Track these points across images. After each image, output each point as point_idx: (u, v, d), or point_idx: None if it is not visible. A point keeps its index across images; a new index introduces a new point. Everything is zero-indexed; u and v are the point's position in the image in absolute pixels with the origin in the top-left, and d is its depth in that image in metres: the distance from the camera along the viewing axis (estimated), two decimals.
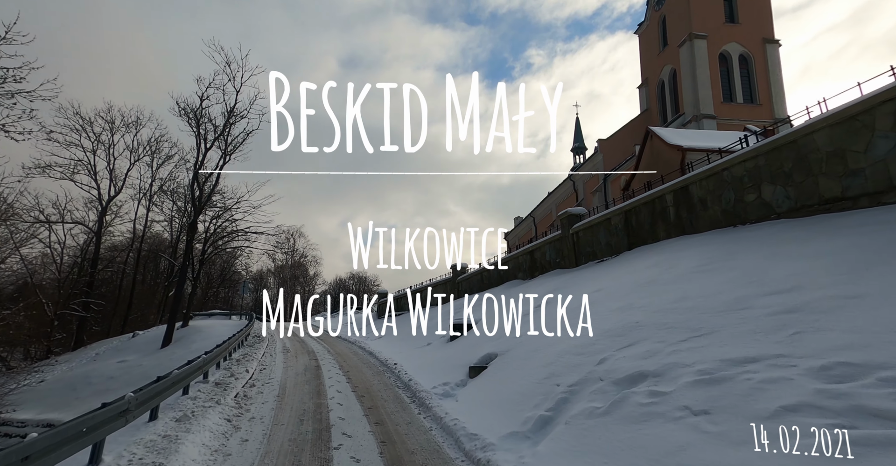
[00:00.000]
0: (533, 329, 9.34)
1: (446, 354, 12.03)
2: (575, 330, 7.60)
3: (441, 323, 16.73)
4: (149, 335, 34.10)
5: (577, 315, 8.30)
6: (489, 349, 9.72)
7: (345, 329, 29.34)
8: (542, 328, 9.04)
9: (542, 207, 47.80)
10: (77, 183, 39.47)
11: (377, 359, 14.57)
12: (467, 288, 21.01)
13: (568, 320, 8.34)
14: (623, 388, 4.99)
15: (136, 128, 41.37)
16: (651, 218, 10.45)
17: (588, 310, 8.05)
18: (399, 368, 12.00)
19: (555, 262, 14.26)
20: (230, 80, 30.30)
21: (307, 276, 77.31)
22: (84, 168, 39.43)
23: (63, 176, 38.34)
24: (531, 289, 13.27)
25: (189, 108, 30.47)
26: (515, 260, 16.98)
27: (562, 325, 8.33)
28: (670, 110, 32.56)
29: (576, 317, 8.22)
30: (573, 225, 13.23)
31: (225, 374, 10.63)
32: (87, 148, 39.41)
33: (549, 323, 9.12)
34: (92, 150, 39.79)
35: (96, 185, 40.08)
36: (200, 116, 30.69)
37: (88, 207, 41.19)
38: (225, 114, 30.87)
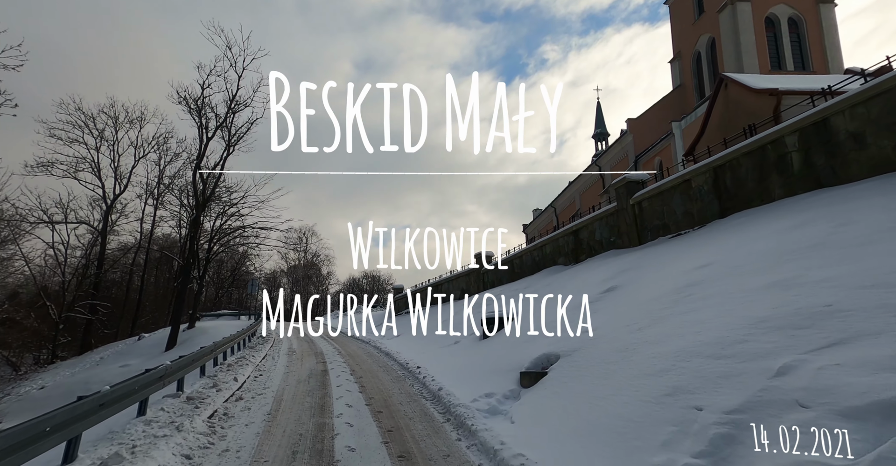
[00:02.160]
0: (602, 322, 6.95)
1: (481, 355, 9.69)
2: (685, 321, 5.19)
3: (467, 319, 14.39)
4: (154, 337, 32.48)
5: (677, 300, 5.88)
6: (543, 348, 7.35)
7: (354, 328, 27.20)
8: (617, 321, 6.64)
9: (563, 197, 45.16)
10: (81, 181, 38.11)
11: (395, 362, 12.30)
12: (495, 278, 18.60)
13: (661, 308, 5.93)
14: (879, 425, 2.58)
15: (140, 124, 39.85)
16: (758, 172, 7.77)
17: (699, 293, 5.61)
18: (423, 373, 9.70)
19: (608, 242, 11.76)
20: (232, 66, 28.36)
21: (320, 276, 75.66)
22: (88, 165, 38.06)
23: (66, 174, 36.98)
24: (581, 275, 10.85)
25: (190, 97, 28.56)
26: (554, 243, 14.46)
27: (652, 316, 5.93)
28: (708, 83, 29.70)
29: (674, 304, 5.81)
30: (633, 194, 10.70)
31: (206, 384, 8.45)
32: (90, 145, 38.02)
33: (625, 313, 6.73)
34: (95, 147, 38.40)
35: (101, 183, 38.64)
36: (202, 106, 28.80)
37: (93, 206, 39.80)
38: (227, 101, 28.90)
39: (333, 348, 17.09)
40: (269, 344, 18.22)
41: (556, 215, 47.13)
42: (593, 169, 39.43)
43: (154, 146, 39.57)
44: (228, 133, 29.81)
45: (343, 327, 28.79)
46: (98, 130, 38.11)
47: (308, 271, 73.51)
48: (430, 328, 16.99)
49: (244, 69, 28.79)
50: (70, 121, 36.24)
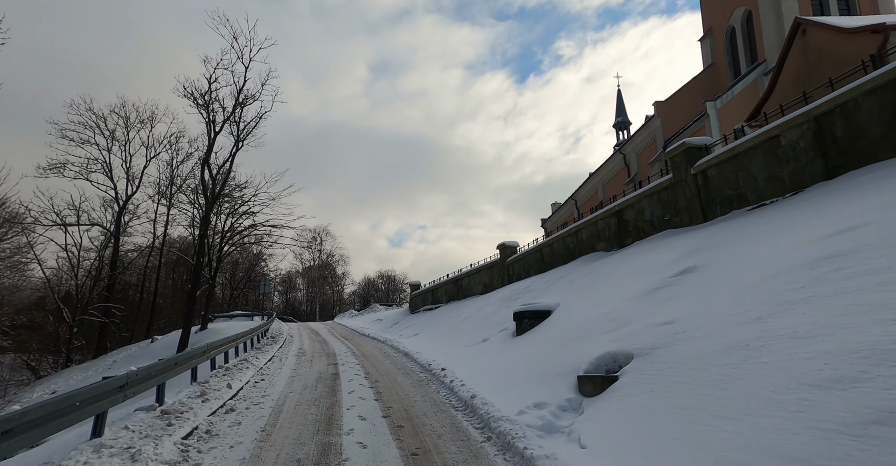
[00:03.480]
0: (686, 312, 5.36)
1: (517, 355, 8.15)
2: (847, 305, 3.57)
3: (494, 315, 12.86)
4: (167, 340, 31.71)
5: (816, 278, 4.26)
6: (603, 346, 5.78)
7: (369, 326, 25.86)
8: (714, 309, 5.04)
9: (584, 189, 43.23)
10: (93, 182, 37.70)
11: (416, 363, 10.83)
12: (521, 270, 16.95)
13: (791, 290, 4.32)
14: None
15: (151, 124, 39.28)
16: (890, 114, 6.18)
17: (855, 267, 3.96)
18: (450, 376, 8.20)
19: (661, 221, 10.03)
20: (239, 58, 27.28)
21: (335, 276, 74.88)
22: (100, 166, 37.62)
23: (78, 175, 36.55)
24: (633, 260, 9.22)
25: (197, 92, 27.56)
26: (592, 227, 12.71)
27: (777, 300, 4.32)
28: (744, 60, 27.59)
29: (814, 283, 4.19)
30: (695, 162, 8.96)
31: (193, 393, 7.08)
32: (101, 145, 37.58)
33: (723, 300, 5.12)
34: (107, 148, 37.94)
35: (113, 184, 38.17)
36: (210, 101, 27.79)
37: (105, 208, 39.35)
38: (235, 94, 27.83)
39: (347, 348, 15.74)
40: (278, 344, 16.96)
41: (576, 207, 45.23)
42: (615, 160, 37.52)
43: (165, 146, 38.96)
44: (237, 127, 28.76)
45: (358, 326, 27.50)
46: (109, 131, 37.64)
47: (323, 271, 72.76)
48: (451, 325, 15.49)
49: (251, 60, 27.58)
50: (81, 121, 35.80)
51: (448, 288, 23.17)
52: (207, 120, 27.84)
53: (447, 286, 23.30)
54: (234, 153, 28.98)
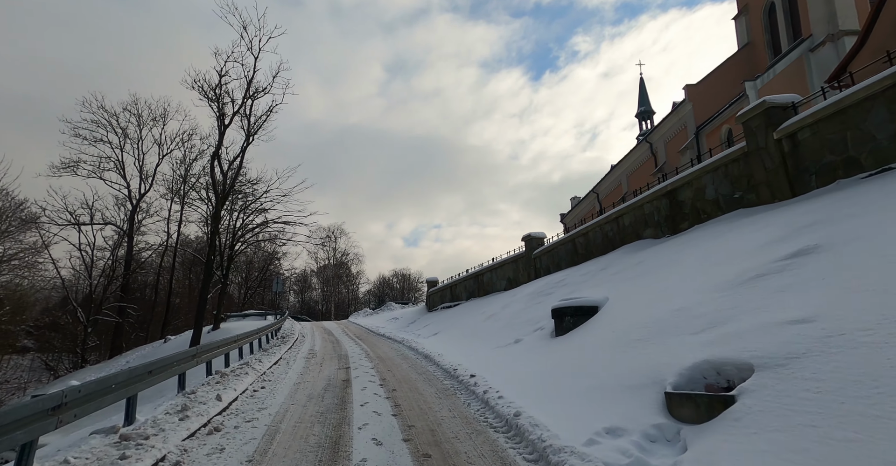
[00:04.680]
0: (828, 303, 3.86)
1: (565, 359, 6.71)
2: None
3: (524, 311, 11.43)
4: (180, 339, 31.05)
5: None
6: (696, 352, 4.33)
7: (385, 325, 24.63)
8: (862, 304, 3.56)
9: (606, 181, 41.42)
10: (106, 181, 37.36)
11: (438, 367, 9.48)
12: (550, 263, 15.41)
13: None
14: None
15: (163, 121, 38.75)
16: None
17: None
18: (482, 385, 6.82)
19: (730, 200, 8.35)
20: (248, 49, 26.28)
21: (350, 275, 74.13)
22: (112, 165, 37.23)
23: (91, 174, 36.19)
24: (700, 247, 7.68)
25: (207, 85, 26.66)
26: (637, 211, 11.05)
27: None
28: (786, 37, 25.53)
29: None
30: (779, 124, 7.38)
31: (173, 407, 5.84)
32: (114, 143, 37.19)
33: (867, 294, 3.63)
34: (119, 146, 37.54)
35: (126, 183, 37.78)
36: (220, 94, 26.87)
37: (119, 206, 38.98)
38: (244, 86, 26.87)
39: (361, 349, 14.49)
40: (287, 345, 15.80)
41: (598, 201, 43.40)
42: (640, 149, 35.66)
43: (178, 143, 38.40)
44: (248, 121, 27.83)
45: (373, 325, 26.32)
46: (122, 128, 37.20)
47: (338, 270, 72.04)
48: (474, 324, 14.10)
49: (260, 50, 26.58)
50: (94, 119, 35.38)
51: (468, 285, 21.77)
52: (218, 113, 26.98)
53: (467, 282, 21.90)
54: (245, 147, 28.05)
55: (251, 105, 27.11)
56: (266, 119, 27.77)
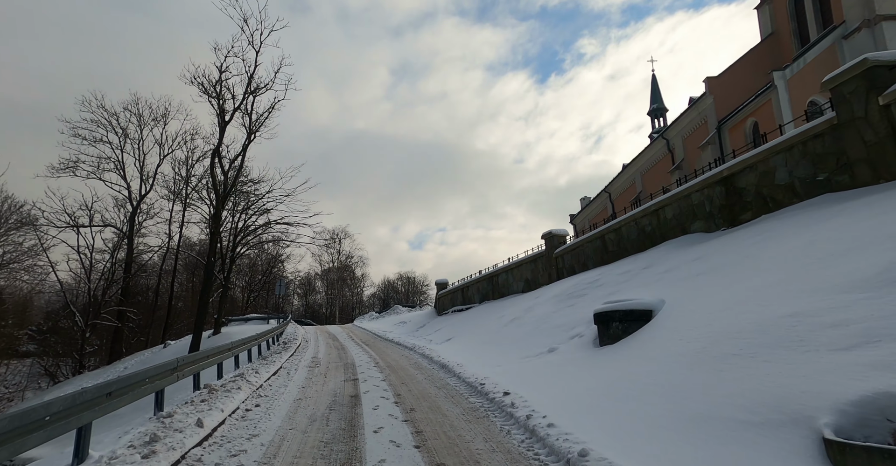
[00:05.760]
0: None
1: (625, 375, 5.43)
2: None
3: (554, 315, 10.17)
4: (180, 344, 29.97)
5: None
6: (863, 380, 3.06)
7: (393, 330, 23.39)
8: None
9: (619, 181, 40.11)
10: (106, 182, 36.38)
11: (461, 381, 8.21)
12: (575, 262, 14.08)
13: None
14: None
15: (164, 121, 37.78)
16: None
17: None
18: (521, 407, 5.56)
19: (811, 183, 6.94)
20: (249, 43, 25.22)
21: (354, 278, 73.04)
22: (112, 165, 36.28)
23: (90, 174, 35.23)
24: (785, 239, 6.41)
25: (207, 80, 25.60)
26: (683, 202, 9.61)
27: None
28: (814, 25, 24.21)
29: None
30: (884, 88, 5.83)
31: (139, 438, 4.63)
32: (114, 143, 36.22)
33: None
34: (119, 146, 36.55)
35: (126, 184, 36.76)
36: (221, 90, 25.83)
37: (119, 208, 38.02)
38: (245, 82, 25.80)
39: (369, 357, 13.26)
40: (289, 352, 14.60)
41: (610, 201, 42.10)
42: (655, 147, 34.36)
43: (180, 143, 37.44)
44: (249, 118, 26.75)
45: (380, 329, 25.09)
46: (122, 128, 36.23)
47: (342, 273, 70.95)
48: (493, 329, 12.84)
49: (262, 43, 25.47)
50: (94, 119, 34.44)
51: (481, 286, 20.49)
52: (218, 110, 25.95)
53: (480, 283, 20.62)
54: (247, 145, 26.97)
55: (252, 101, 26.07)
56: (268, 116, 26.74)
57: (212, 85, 24.91)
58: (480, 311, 17.64)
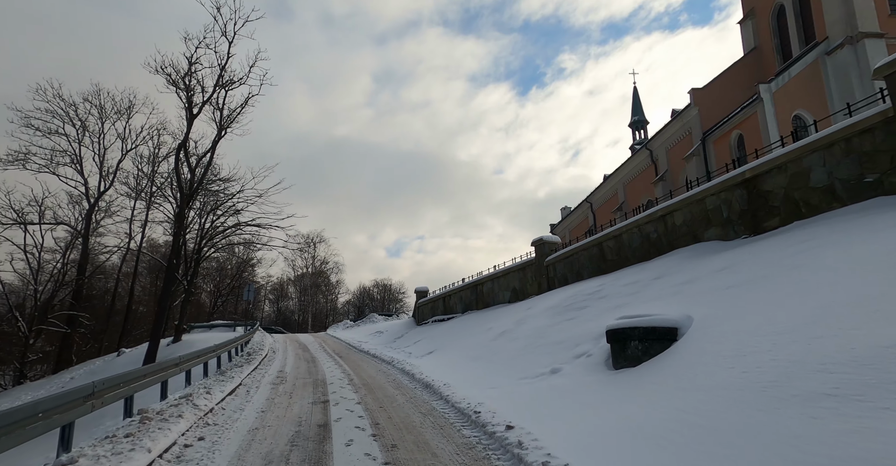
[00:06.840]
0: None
1: (667, 413, 4.38)
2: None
3: (551, 330, 9.13)
4: (135, 353, 27.65)
5: None
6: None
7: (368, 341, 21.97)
8: None
9: (601, 190, 39.95)
10: (60, 176, 33.60)
11: (448, 405, 7.04)
12: (568, 271, 13.13)
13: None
14: None
15: (128, 114, 35.33)
16: None
17: None
18: (532, 449, 4.44)
19: (856, 185, 6.07)
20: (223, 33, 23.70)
21: (329, 284, 70.81)
22: (68, 159, 33.58)
23: (42, 168, 32.47)
24: (838, 247, 5.56)
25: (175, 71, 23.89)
26: (695, 206, 8.95)
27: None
28: (796, 42, 24.43)
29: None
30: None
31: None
32: (71, 136, 33.51)
33: None
34: (77, 139, 33.84)
35: (83, 180, 34.02)
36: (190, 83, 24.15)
37: (73, 204, 35.20)
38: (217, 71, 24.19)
39: (342, 372, 11.93)
40: (252, 365, 13.10)
41: (592, 211, 41.88)
42: (639, 157, 34.29)
43: (145, 138, 35.03)
44: (220, 113, 25.10)
45: (354, 339, 23.61)
46: (80, 120, 33.58)
47: (316, 279, 68.62)
48: (480, 343, 11.72)
49: (235, 34, 24.01)
50: (49, 109, 31.80)
51: (464, 295, 19.37)
52: (186, 103, 24.23)
53: (463, 292, 19.50)
54: (217, 141, 25.30)
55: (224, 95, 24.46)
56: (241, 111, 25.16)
57: (180, 76, 23.22)
58: (464, 322, 16.50)
